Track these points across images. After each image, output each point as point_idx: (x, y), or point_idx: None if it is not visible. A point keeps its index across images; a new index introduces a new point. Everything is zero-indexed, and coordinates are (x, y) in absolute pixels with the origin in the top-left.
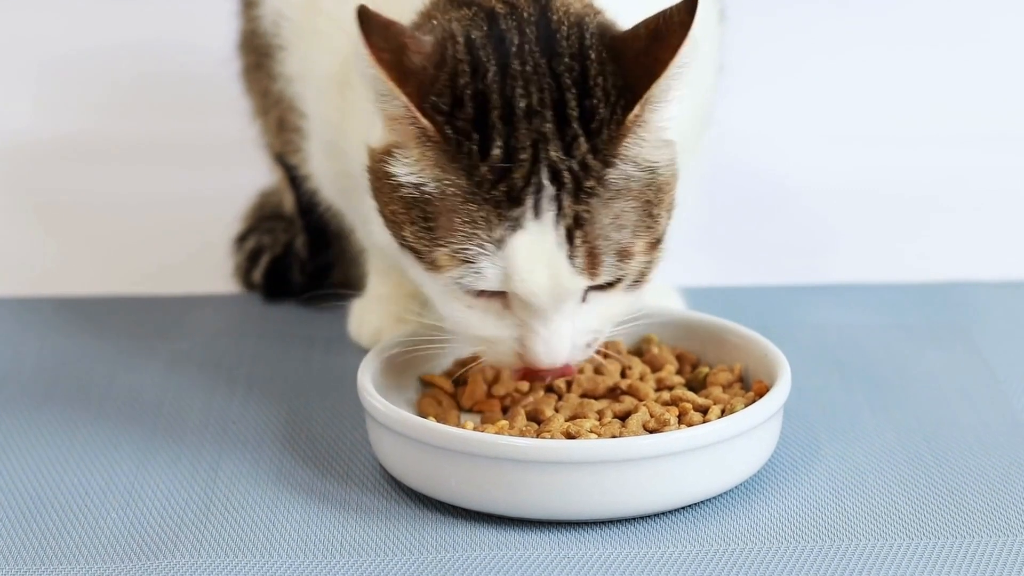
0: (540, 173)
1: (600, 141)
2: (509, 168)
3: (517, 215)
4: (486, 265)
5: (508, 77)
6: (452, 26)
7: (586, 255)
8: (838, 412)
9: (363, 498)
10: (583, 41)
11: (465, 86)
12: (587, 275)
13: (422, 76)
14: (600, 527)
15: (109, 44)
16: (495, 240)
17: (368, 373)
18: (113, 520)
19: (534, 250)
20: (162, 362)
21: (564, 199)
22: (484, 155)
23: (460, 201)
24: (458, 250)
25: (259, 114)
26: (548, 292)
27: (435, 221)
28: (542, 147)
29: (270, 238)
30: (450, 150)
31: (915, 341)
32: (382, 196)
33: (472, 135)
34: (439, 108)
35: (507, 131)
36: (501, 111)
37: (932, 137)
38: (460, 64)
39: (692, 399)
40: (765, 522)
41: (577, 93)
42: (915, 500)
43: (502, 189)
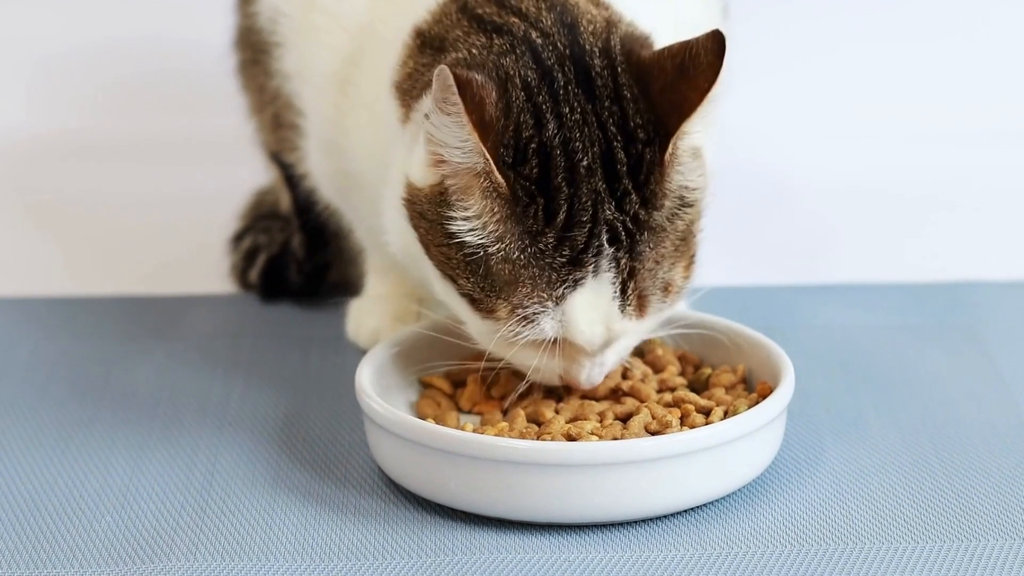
0: (600, 236)
1: (648, 190)
2: (571, 233)
3: (577, 277)
4: (545, 321)
5: (565, 128)
6: (506, 63)
7: (636, 301)
8: (842, 414)
9: (361, 501)
10: (616, 78)
11: (529, 140)
12: (637, 318)
13: (497, 130)
14: (601, 531)
15: (103, 40)
16: (555, 298)
17: (366, 374)
18: (108, 523)
19: (592, 305)
20: (157, 363)
21: (621, 256)
22: (549, 219)
23: (523, 264)
24: (518, 307)
25: (255, 111)
26: (602, 340)
27: (495, 277)
28: (600, 208)
29: (267, 237)
30: (517, 210)
31: (921, 342)
32: (429, 237)
33: (537, 198)
34: (507, 161)
35: (571, 193)
36: (564, 171)
37: (939, 135)
38: (523, 115)
39: (695, 401)
40: (768, 526)
41: (623, 141)
42: (921, 503)
43: (565, 253)
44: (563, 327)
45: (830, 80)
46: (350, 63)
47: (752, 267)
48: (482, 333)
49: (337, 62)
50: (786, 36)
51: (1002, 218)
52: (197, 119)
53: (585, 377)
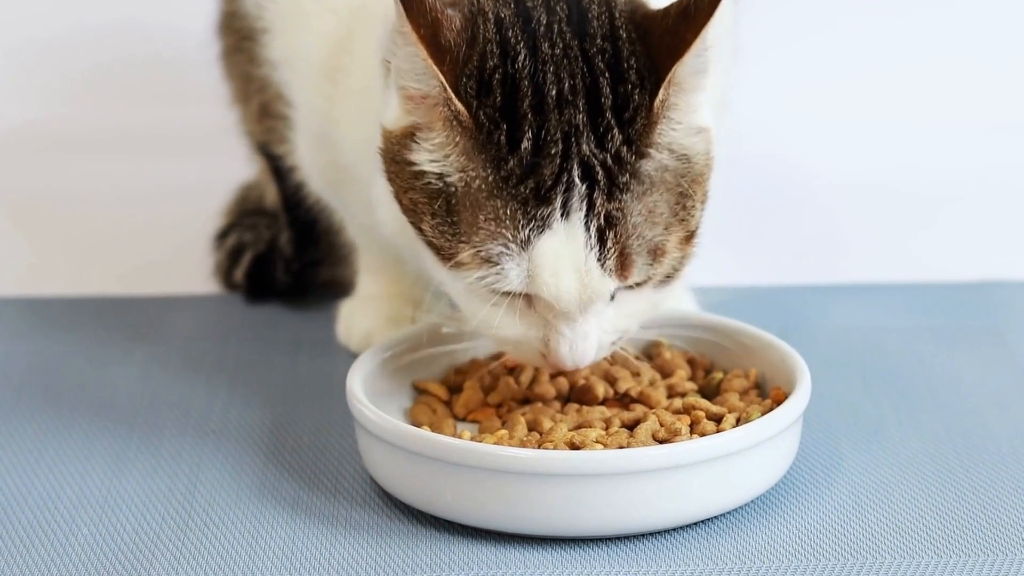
0: (571, 170)
1: (634, 131)
2: (538, 163)
3: (544, 215)
4: (510, 267)
5: (539, 61)
6: (481, 2)
7: (617, 256)
8: (861, 420)
9: (352, 513)
10: (614, 20)
11: (494, 69)
12: (618, 277)
13: (456, 55)
14: (607, 544)
15: (77, 26)
16: (520, 241)
17: (358, 379)
18: (85, 536)
19: (561, 253)
20: (138, 367)
21: (596, 198)
22: (513, 147)
23: (485, 196)
24: (481, 249)
25: (239, 100)
26: (575, 296)
27: (458, 215)
28: (574, 140)
29: (253, 235)
30: (480, 137)
31: (943, 344)
32: (399, 182)
33: (500, 124)
34: (470, 91)
35: (538, 122)
36: (532, 99)
37: (962, 130)
38: (490, 45)
39: (705, 407)
40: (783, 539)
41: (610, 78)
42: (944, 515)
43: (530, 186)
44: (530, 276)
45: (847, 74)
46: (341, 50)
47: (765, 266)
48: (455, 292)
49: (327, 48)
50: (802, 31)
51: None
52: (178, 109)
53: (567, 350)
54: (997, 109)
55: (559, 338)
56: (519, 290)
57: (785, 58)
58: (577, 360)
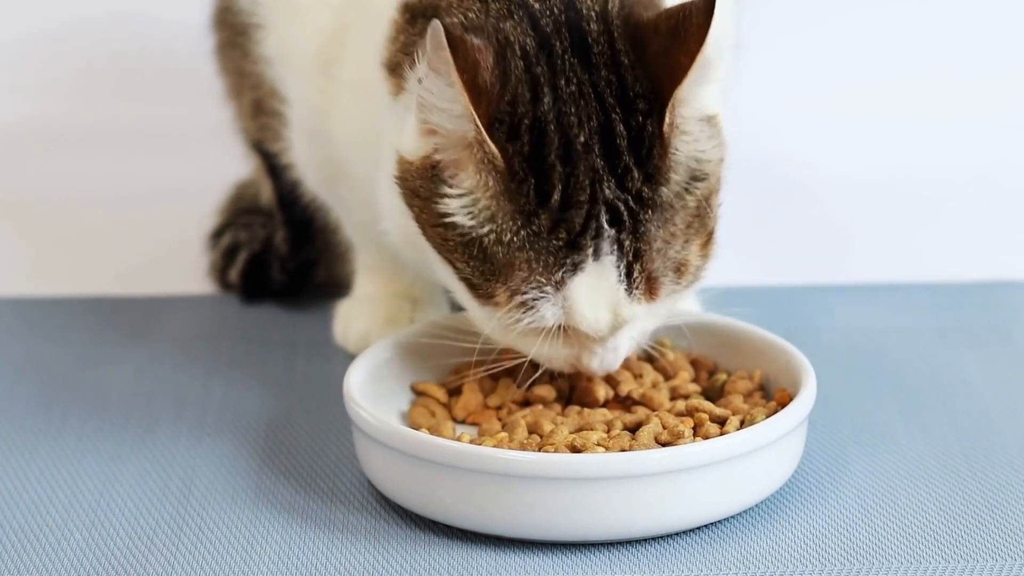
0: (599, 215)
1: (652, 165)
2: (569, 215)
3: (576, 260)
4: (546, 308)
5: (561, 103)
6: (505, 28)
7: (645, 283)
8: (867, 423)
9: (349, 517)
10: (613, 43)
11: (524, 115)
12: (646, 301)
13: (491, 95)
14: (608, 549)
15: (68, 20)
16: (555, 283)
17: (355, 380)
18: (77, 541)
19: (594, 290)
20: (131, 369)
21: (624, 239)
22: (542, 199)
23: (517, 247)
24: (516, 292)
25: (233, 96)
26: (609, 326)
27: (493, 260)
28: (598, 186)
29: (248, 234)
30: (511, 186)
31: (951, 345)
32: (424, 216)
33: (530, 175)
34: (501, 135)
35: (566, 171)
36: (558, 147)
37: (969, 129)
38: (521, 86)
39: (709, 409)
40: (788, 543)
41: (622, 113)
42: (952, 520)
43: (561, 235)
44: (565, 313)
45: (852, 73)
46: (335, 42)
47: (770, 266)
48: (484, 320)
49: (321, 41)
50: (805, 29)
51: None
52: (172, 106)
53: (598, 364)
54: (1005, 107)
55: (591, 356)
56: (553, 326)
57: (789, 57)
58: (608, 369)
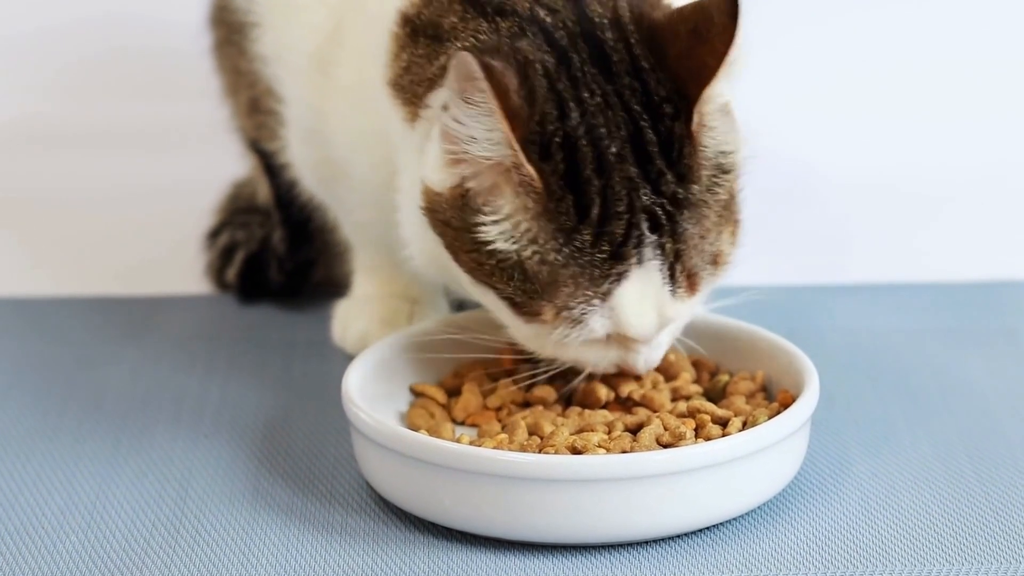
0: (639, 223)
1: (682, 165)
2: (610, 229)
3: (621, 269)
4: (594, 320)
5: (588, 116)
6: (523, 48)
7: (686, 280)
8: (871, 424)
9: (348, 519)
10: (631, 49)
11: (554, 132)
12: (688, 296)
13: (522, 118)
14: (609, 551)
15: (64, 18)
16: (601, 294)
17: (353, 381)
18: (72, 543)
19: (641, 296)
20: (127, 369)
21: (665, 242)
22: (582, 215)
23: (562, 264)
24: (563, 308)
25: (229, 94)
26: (655, 327)
27: (536, 280)
28: (635, 194)
29: (245, 233)
30: (550, 205)
31: (955, 346)
32: (457, 244)
33: (567, 192)
34: (534, 156)
35: (601, 182)
36: (592, 161)
37: (974, 128)
38: (547, 104)
39: (711, 410)
40: (791, 546)
41: (649, 119)
42: (957, 522)
43: (604, 248)
44: (613, 323)
45: (857, 72)
46: (332, 41)
47: (772, 265)
48: (528, 337)
49: (318, 40)
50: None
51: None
52: (167, 104)
53: (643, 363)
54: (1010, 106)
55: (636, 357)
56: (601, 336)
57: (790, 56)
58: (652, 366)
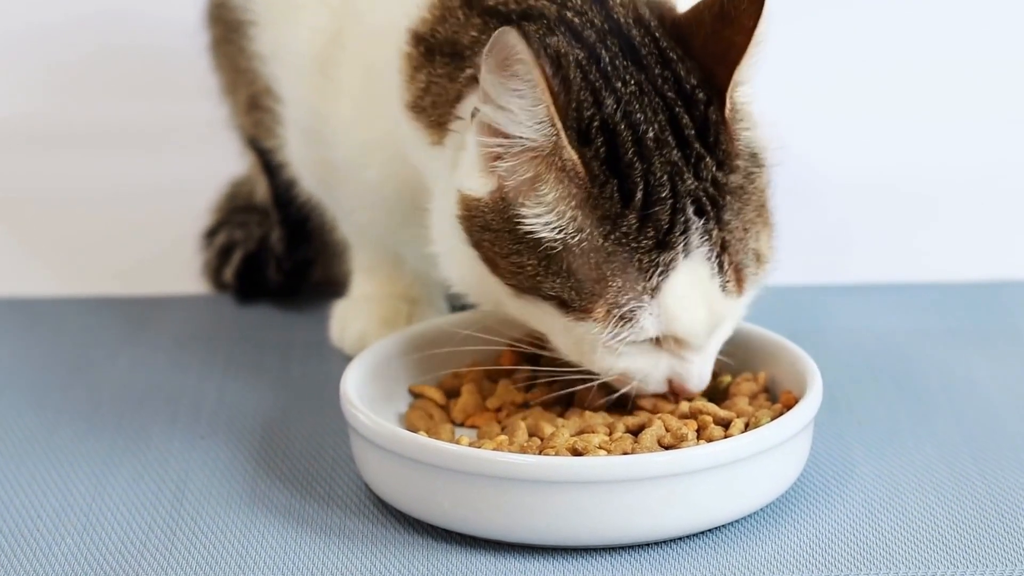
0: (685, 209)
1: (720, 151)
2: (655, 212)
3: (668, 259)
4: (644, 317)
5: (624, 103)
6: (553, 43)
7: (734, 276)
8: (874, 425)
9: (346, 522)
10: (658, 42)
11: (592, 119)
12: (737, 295)
13: (563, 104)
14: (610, 554)
15: (60, 15)
16: (650, 289)
17: (352, 382)
18: (68, 546)
19: (690, 289)
20: (123, 370)
21: (711, 228)
22: (627, 199)
23: (608, 252)
24: (613, 305)
25: (228, 92)
26: (707, 326)
27: (581, 273)
28: (678, 178)
29: (243, 232)
30: (593, 191)
31: (959, 346)
32: (497, 249)
33: (610, 176)
34: (574, 141)
35: (644, 167)
36: (632, 145)
37: (978, 127)
38: (583, 92)
39: (713, 411)
40: (793, 549)
41: (684, 105)
42: (961, 524)
43: (650, 234)
44: (663, 321)
45: (860, 70)
46: (332, 44)
47: (774, 265)
48: (577, 342)
49: (320, 43)
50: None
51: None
52: (165, 102)
53: (696, 375)
54: (1012, 105)
55: (689, 367)
56: (653, 336)
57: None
58: (704, 382)
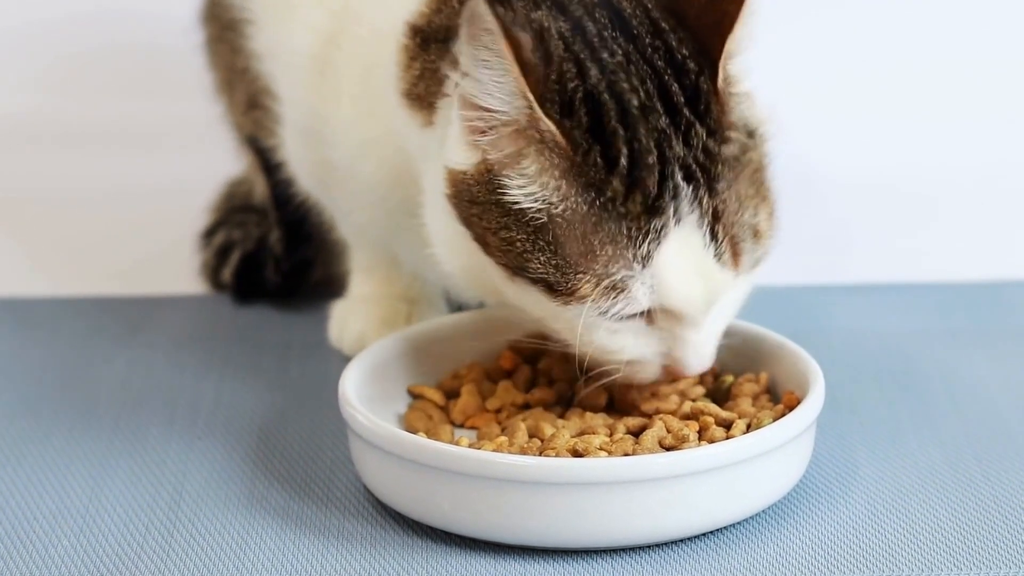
0: (673, 175)
1: (711, 120)
2: (641, 176)
3: (659, 225)
4: (636, 288)
5: (609, 73)
6: (536, 17)
7: (729, 247)
8: (877, 427)
9: (345, 523)
10: (649, 13)
11: (575, 90)
12: (733, 268)
13: (538, 75)
14: (611, 556)
15: (58, 15)
16: (641, 258)
17: (351, 383)
18: (65, 548)
19: (683, 259)
20: (121, 371)
21: (702, 195)
22: (611, 165)
23: (595, 221)
24: (603, 277)
25: (224, 90)
26: (703, 299)
27: (569, 246)
28: (666, 144)
29: (241, 232)
30: (576, 159)
31: (963, 346)
32: (483, 223)
33: (593, 144)
34: (555, 112)
35: (628, 134)
36: (616, 113)
37: (981, 126)
38: (565, 63)
39: (714, 412)
40: (796, 551)
41: (673, 74)
42: (965, 527)
43: (637, 200)
44: (656, 291)
45: (864, 69)
46: (330, 43)
47: (776, 265)
48: (569, 327)
49: (315, 41)
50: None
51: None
52: (161, 101)
53: (694, 355)
54: (1016, 105)
55: (685, 346)
56: (646, 308)
57: (794, 55)
58: (704, 364)
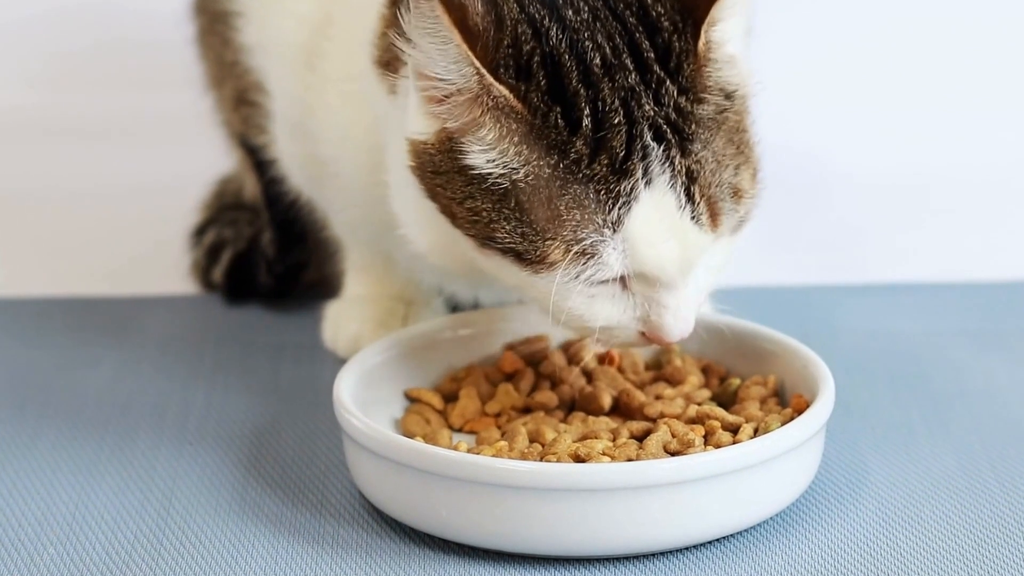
0: (642, 134)
1: (685, 79)
2: (605, 136)
3: (628, 188)
4: (607, 252)
5: (571, 31)
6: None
7: (706, 208)
8: (888, 431)
9: (339, 530)
10: None
11: (531, 53)
12: (711, 230)
13: (486, 41)
14: (614, 565)
15: (46, 9)
16: (611, 223)
17: (345, 386)
18: (51, 556)
19: (656, 221)
20: (109, 372)
21: (673, 155)
22: (573, 127)
23: (560, 184)
24: (573, 242)
25: (213, 86)
26: (679, 262)
27: (535, 212)
28: (634, 103)
29: (233, 231)
30: (535, 123)
31: (977, 348)
32: (448, 194)
33: (553, 106)
34: (511, 77)
35: (591, 94)
36: (578, 73)
37: (994, 125)
38: (520, 26)
39: (721, 416)
40: (805, 559)
41: (645, 31)
42: (978, 533)
43: (603, 162)
44: (629, 255)
45: (874, 66)
46: (319, 34)
47: (785, 265)
48: (543, 297)
49: (305, 32)
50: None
51: None
52: (151, 95)
53: (672, 322)
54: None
55: (663, 311)
56: (619, 274)
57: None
58: (683, 329)
